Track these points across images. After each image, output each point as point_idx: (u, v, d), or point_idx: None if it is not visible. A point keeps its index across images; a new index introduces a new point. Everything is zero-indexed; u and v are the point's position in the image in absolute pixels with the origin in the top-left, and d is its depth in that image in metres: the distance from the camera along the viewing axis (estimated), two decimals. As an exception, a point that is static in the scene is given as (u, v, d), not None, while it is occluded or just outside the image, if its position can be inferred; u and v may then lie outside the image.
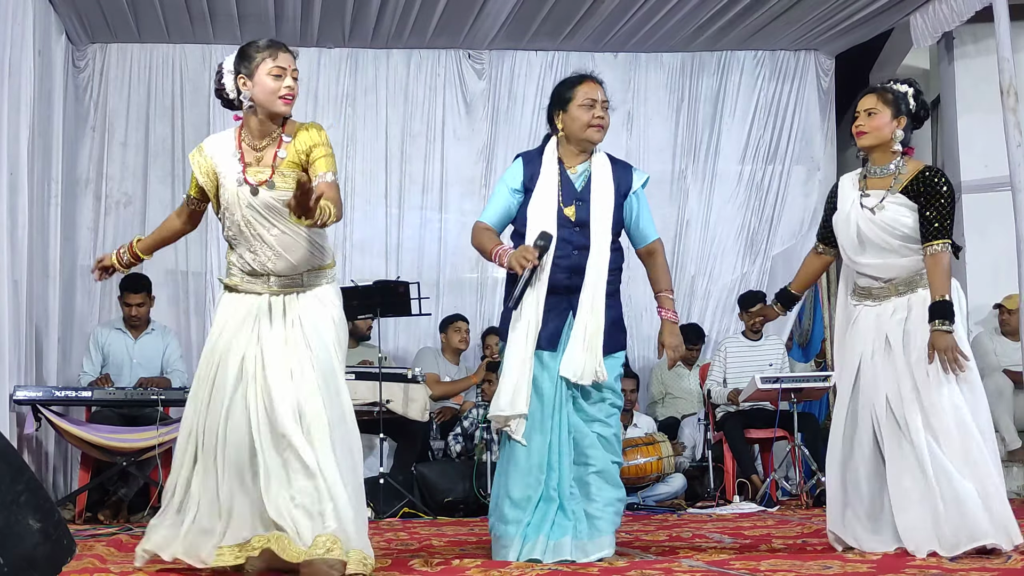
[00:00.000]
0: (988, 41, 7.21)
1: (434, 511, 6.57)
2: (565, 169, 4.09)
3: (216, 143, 3.82)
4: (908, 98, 4.10)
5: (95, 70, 8.24)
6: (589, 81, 4.08)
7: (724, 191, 8.82)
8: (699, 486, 7.64)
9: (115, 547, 4.53)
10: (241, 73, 3.70)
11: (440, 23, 8.06)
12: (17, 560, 2.59)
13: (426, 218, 8.65)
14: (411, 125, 8.63)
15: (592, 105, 4.02)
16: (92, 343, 7.07)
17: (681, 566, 3.67)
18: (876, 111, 4.07)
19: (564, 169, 4.08)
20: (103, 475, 6.42)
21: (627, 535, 5.09)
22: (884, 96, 4.09)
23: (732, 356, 7.67)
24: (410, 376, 6.76)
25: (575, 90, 4.05)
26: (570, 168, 4.09)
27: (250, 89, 3.69)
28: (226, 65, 3.75)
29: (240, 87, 3.70)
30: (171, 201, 8.12)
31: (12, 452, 2.76)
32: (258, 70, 3.67)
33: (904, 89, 4.11)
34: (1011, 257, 6.59)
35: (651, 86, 8.84)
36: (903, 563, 3.62)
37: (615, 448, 4.03)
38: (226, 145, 3.79)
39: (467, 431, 7.09)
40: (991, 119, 7.00)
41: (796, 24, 8.20)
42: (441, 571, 3.62)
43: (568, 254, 4.00)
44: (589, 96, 4.03)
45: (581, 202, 4.03)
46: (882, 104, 4.07)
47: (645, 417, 7.83)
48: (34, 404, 6.22)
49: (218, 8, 7.71)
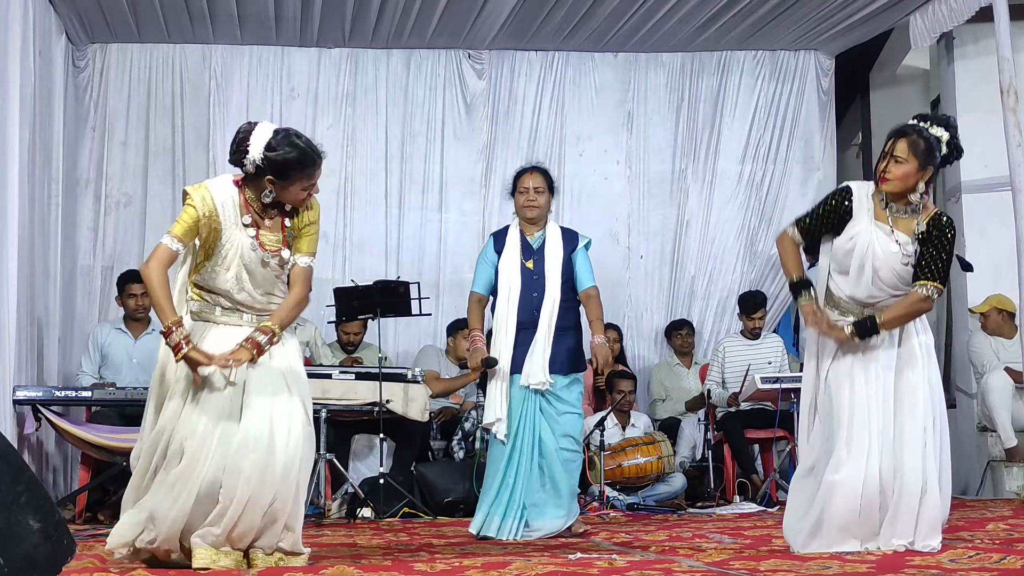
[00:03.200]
0: (988, 41, 7.21)
1: (434, 511, 6.57)
2: (525, 235, 5.36)
3: (221, 194, 3.78)
4: (942, 145, 3.99)
5: (95, 70, 8.25)
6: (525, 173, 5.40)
7: (724, 191, 8.82)
8: (699, 486, 7.64)
9: (115, 547, 4.53)
10: (271, 177, 3.72)
11: (440, 23, 8.06)
12: (17, 560, 2.59)
13: (426, 218, 8.65)
14: (411, 125, 8.63)
15: (525, 192, 5.34)
16: (91, 342, 7.07)
17: (681, 566, 3.67)
18: (904, 161, 3.96)
19: (524, 235, 5.36)
20: (103, 475, 6.42)
21: (627, 535, 5.10)
22: (916, 146, 3.94)
23: (731, 356, 7.67)
24: (410, 376, 6.75)
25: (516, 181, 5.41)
26: (528, 235, 5.37)
27: (276, 190, 3.75)
28: (255, 143, 3.70)
29: (266, 183, 3.73)
30: (171, 201, 8.12)
31: (12, 452, 2.76)
32: (291, 187, 3.74)
33: (939, 135, 3.99)
34: (1011, 257, 6.59)
35: (651, 86, 8.84)
36: (903, 563, 3.62)
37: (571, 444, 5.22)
38: (229, 199, 3.78)
39: (468, 433, 7.09)
40: (991, 119, 6.99)
41: (796, 24, 8.20)
42: (441, 571, 3.62)
43: (530, 297, 5.23)
44: (523, 185, 5.36)
45: (537, 258, 5.29)
46: (912, 155, 3.94)
47: (643, 416, 7.83)
48: (34, 404, 6.23)
49: (218, 8, 7.71)
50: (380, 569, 3.66)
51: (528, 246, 5.34)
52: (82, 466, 6.58)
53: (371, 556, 4.16)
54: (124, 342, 7.03)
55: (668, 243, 8.81)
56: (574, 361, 5.28)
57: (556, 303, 5.22)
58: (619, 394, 7.49)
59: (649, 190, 8.84)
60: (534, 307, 5.23)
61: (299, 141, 3.73)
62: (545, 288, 5.23)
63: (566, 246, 5.32)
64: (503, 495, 5.12)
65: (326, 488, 6.60)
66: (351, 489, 6.62)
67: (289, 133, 3.75)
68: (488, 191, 8.66)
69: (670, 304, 8.75)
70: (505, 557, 4.07)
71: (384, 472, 6.46)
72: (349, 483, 6.67)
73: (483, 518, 5.12)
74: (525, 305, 5.24)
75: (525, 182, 5.37)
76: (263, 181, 3.73)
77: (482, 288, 5.40)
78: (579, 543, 4.77)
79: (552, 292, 5.23)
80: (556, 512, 5.14)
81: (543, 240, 5.33)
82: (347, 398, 6.56)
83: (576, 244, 5.35)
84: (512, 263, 5.29)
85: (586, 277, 5.33)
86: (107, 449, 6.33)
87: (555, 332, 5.19)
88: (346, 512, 6.41)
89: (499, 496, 5.12)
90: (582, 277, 5.32)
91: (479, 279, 5.42)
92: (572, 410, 5.25)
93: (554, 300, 5.22)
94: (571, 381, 5.25)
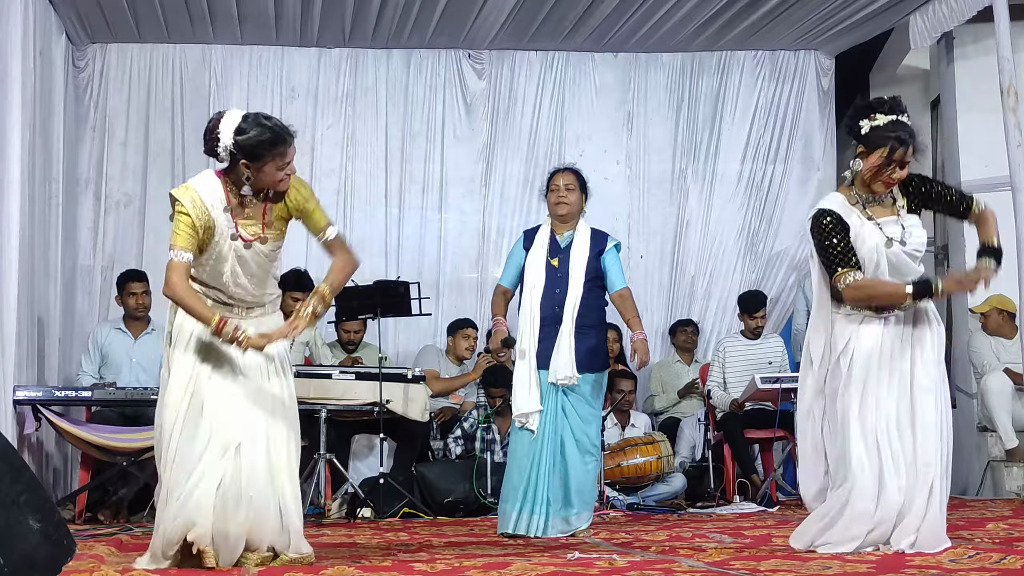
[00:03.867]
0: (988, 41, 7.21)
1: (434, 511, 6.57)
2: (554, 234, 5.45)
3: (207, 191, 3.80)
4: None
5: (95, 70, 8.24)
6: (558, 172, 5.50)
7: (724, 191, 8.81)
8: (699, 486, 7.63)
9: (115, 547, 4.54)
10: (245, 161, 3.73)
11: (440, 23, 8.06)
12: (17, 560, 2.59)
13: (426, 218, 8.64)
14: (411, 125, 8.63)
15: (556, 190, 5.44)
16: (91, 342, 7.07)
17: (681, 566, 3.67)
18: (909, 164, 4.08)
19: (554, 234, 5.45)
20: (103, 475, 6.42)
21: (627, 535, 5.10)
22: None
23: (732, 356, 7.66)
24: (410, 376, 6.75)
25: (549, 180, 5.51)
26: (558, 234, 5.45)
27: (253, 174, 3.75)
28: (224, 130, 3.72)
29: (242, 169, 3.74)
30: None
31: (12, 452, 2.77)
32: (266, 167, 3.74)
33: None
34: (1011, 257, 6.58)
35: (651, 86, 8.83)
36: (903, 563, 3.62)
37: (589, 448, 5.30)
38: (216, 194, 3.80)
39: (467, 432, 7.09)
40: (991, 119, 6.99)
41: (796, 24, 8.19)
42: (441, 571, 3.62)
43: (553, 293, 5.33)
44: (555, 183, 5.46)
45: (563, 256, 5.38)
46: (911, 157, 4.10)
47: (643, 416, 7.84)
48: (34, 404, 6.23)
49: (218, 8, 7.71)
50: (380, 569, 3.67)
51: (556, 244, 5.42)
52: (82, 466, 6.58)
53: (371, 556, 4.16)
54: (124, 342, 7.03)
55: (668, 243, 8.81)
56: (593, 360, 5.34)
57: (578, 300, 5.29)
58: (619, 394, 7.49)
59: (649, 190, 8.84)
60: (557, 303, 5.31)
61: (267, 122, 3.75)
62: (568, 285, 5.31)
63: (593, 246, 5.39)
64: (529, 492, 5.18)
65: (326, 488, 6.60)
66: (351, 489, 6.62)
67: (258, 116, 3.78)
68: (488, 191, 8.66)
69: (670, 304, 8.75)
70: (505, 557, 4.08)
71: (384, 472, 6.46)
72: (349, 483, 6.67)
73: (515, 515, 5.19)
74: (548, 301, 5.32)
75: (557, 180, 5.47)
76: (239, 168, 3.74)
77: (508, 282, 5.53)
78: (579, 543, 4.77)
79: (575, 289, 5.30)
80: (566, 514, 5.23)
81: (571, 239, 5.40)
82: (347, 398, 6.57)
83: (605, 245, 5.42)
84: (538, 260, 5.39)
85: (617, 279, 5.41)
86: (107, 449, 6.33)
87: (577, 329, 5.27)
88: (346, 512, 6.41)
89: (527, 493, 5.18)
90: (613, 279, 5.40)
91: (506, 273, 5.56)
92: (592, 416, 5.35)
93: (576, 297, 5.29)
94: (592, 381, 5.32)
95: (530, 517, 5.16)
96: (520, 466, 5.24)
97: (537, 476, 5.19)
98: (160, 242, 8.06)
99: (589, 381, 5.31)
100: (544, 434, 5.22)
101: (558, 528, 5.18)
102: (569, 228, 5.44)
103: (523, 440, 5.25)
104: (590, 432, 5.31)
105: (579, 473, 5.25)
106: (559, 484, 5.21)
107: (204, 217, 3.75)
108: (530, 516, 5.16)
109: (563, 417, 5.25)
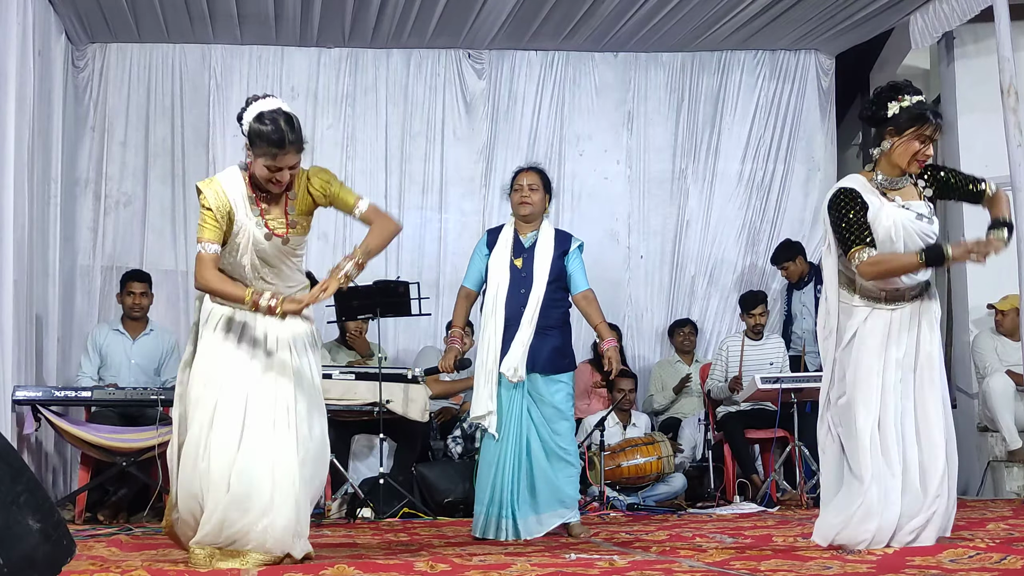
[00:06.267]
0: (988, 41, 7.21)
1: (434, 511, 6.57)
2: (518, 234, 5.37)
3: (230, 185, 3.87)
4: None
5: (95, 70, 8.24)
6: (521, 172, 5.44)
7: (724, 191, 8.82)
8: (699, 486, 7.63)
9: (115, 547, 4.54)
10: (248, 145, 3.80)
11: (440, 23, 8.06)
12: (17, 560, 2.59)
13: (426, 218, 8.65)
14: (411, 125, 8.63)
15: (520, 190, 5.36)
16: (90, 343, 7.06)
17: (681, 566, 3.67)
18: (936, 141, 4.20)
19: (517, 234, 5.37)
20: (103, 475, 6.42)
21: (627, 535, 5.09)
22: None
23: (734, 356, 7.66)
24: (410, 376, 6.75)
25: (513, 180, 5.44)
26: (522, 234, 5.37)
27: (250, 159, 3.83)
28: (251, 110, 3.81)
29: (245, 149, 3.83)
30: (171, 201, 8.12)
31: (12, 452, 2.76)
32: (258, 160, 3.79)
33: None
34: (1011, 257, 6.58)
35: (651, 86, 8.84)
36: (902, 563, 3.62)
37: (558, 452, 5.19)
38: (238, 188, 3.87)
39: (467, 432, 7.09)
40: (991, 119, 6.99)
41: (796, 24, 8.20)
42: (441, 571, 3.62)
43: (517, 293, 5.24)
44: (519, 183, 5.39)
45: (527, 256, 5.30)
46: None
47: (644, 416, 7.83)
48: (34, 404, 6.22)
49: (218, 8, 7.70)
50: (380, 569, 3.66)
51: (520, 244, 5.34)
52: (82, 466, 6.58)
53: (371, 556, 4.15)
54: (122, 343, 7.02)
55: (668, 243, 8.81)
56: (558, 361, 5.25)
57: (540, 300, 5.21)
58: (619, 393, 7.49)
59: (649, 190, 8.84)
60: (520, 304, 5.23)
61: (281, 121, 3.77)
62: (532, 286, 5.23)
63: (557, 247, 5.31)
64: (495, 496, 5.13)
65: (326, 488, 6.59)
66: (351, 489, 6.62)
67: (280, 111, 3.81)
68: (488, 191, 8.66)
69: (670, 304, 8.75)
70: (505, 557, 4.07)
71: (384, 472, 6.46)
72: (349, 483, 6.67)
73: (482, 520, 5.14)
74: (512, 302, 5.23)
75: (520, 180, 5.40)
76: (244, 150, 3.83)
77: (472, 283, 5.45)
78: (579, 544, 4.76)
79: (537, 290, 5.22)
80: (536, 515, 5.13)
81: (535, 239, 5.33)
82: (347, 398, 6.57)
83: (568, 246, 5.34)
84: (502, 260, 5.32)
85: (580, 280, 5.33)
86: (107, 449, 6.33)
87: (540, 330, 5.19)
88: (346, 512, 6.41)
89: (492, 497, 5.13)
90: (576, 280, 5.33)
91: (470, 274, 5.48)
92: (561, 417, 5.22)
93: (538, 298, 5.21)
94: (555, 382, 5.22)
95: (497, 520, 5.10)
96: (486, 469, 5.19)
97: (501, 480, 5.12)
98: (160, 242, 8.15)
99: (556, 382, 5.21)
100: (508, 437, 5.14)
101: (530, 530, 5.09)
102: (533, 228, 5.36)
103: (489, 443, 5.20)
104: (559, 435, 5.19)
105: (547, 476, 5.14)
106: (526, 487, 5.13)
107: (225, 209, 3.82)
108: (497, 520, 5.10)
109: (528, 420, 5.16)
